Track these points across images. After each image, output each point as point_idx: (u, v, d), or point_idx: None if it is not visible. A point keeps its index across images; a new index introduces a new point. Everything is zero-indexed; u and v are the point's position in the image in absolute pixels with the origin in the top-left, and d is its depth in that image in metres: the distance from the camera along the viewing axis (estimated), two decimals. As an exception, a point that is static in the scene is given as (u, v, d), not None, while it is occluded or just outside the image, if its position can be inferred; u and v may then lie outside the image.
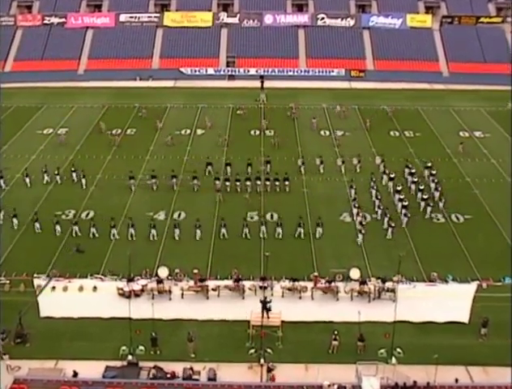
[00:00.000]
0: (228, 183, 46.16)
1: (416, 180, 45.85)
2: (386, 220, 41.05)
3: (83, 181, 46.89)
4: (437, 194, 44.20)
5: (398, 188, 44.40)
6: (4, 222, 41.41)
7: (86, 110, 64.03)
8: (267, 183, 46.47)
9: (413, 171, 47.28)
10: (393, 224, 40.37)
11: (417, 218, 41.76)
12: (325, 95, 68.69)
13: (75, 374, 28.20)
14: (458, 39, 77.69)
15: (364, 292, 34.06)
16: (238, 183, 46.19)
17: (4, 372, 28.10)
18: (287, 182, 46.47)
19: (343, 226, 41.29)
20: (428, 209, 42.43)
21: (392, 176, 46.70)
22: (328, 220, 41.29)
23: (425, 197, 43.32)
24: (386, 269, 35.87)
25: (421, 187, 44.35)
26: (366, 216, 42.29)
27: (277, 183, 46.44)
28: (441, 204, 43.41)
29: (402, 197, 43.22)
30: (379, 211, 42.42)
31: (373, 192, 44.77)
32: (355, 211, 42.46)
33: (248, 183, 46.09)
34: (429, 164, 48.10)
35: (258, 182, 46.41)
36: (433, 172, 46.86)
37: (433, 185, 45.50)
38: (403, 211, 41.96)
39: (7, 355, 29.20)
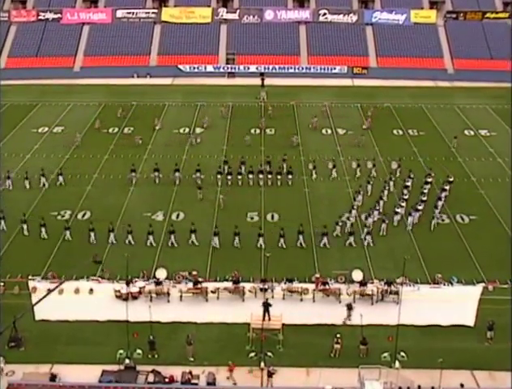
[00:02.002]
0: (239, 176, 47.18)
1: (425, 191, 44.25)
2: (369, 220, 41.00)
3: (61, 178, 47.09)
4: (436, 212, 42.36)
5: (405, 197, 43.50)
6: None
7: (82, 108, 64.09)
8: (269, 176, 47.13)
9: (429, 180, 45.98)
10: (370, 226, 40.24)
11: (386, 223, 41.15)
12: (327, 92, 68.71)
13: (53, 378, 28.18)
14: (464, 35, 77.71)
15: (367, 294, 34.09)
16: (239, 177, 47.09)
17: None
18: (290, 176, 47.07)
19: (345, 227, 41.17)
20: (410, 219, 41.30)
21: (408, 184, 45.25)
22: (330, 220, 41.32)
23: (419, 207, 41.93)
24: (389, 271, 35.98)
25: (424, 198, 43.09)
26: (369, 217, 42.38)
27: (279, 177, 46.93)
28: (433, 222, 41.59)
29: (402, 204, 42.63)
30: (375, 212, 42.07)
31: (385, 193, 44.49)
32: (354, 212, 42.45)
33: (250, 176, 47.02)
34: (451, 179, 46.05)
35: (261, 176, 47.02)
36: (446, 187, 44.84)
37: (439, 203, 43.11)
38: (382, 217, 41.41)
39: (1, 357, 29.18)
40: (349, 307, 32.65)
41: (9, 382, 27.66)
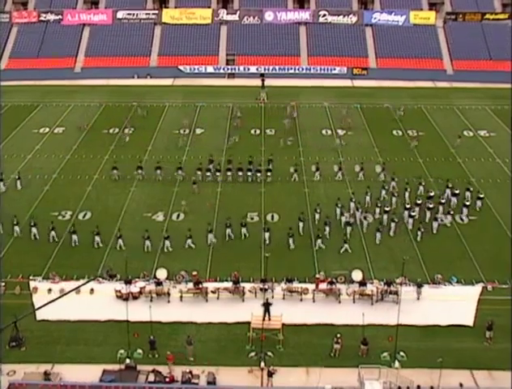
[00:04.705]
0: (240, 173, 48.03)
1: (443, 201, 42.98)
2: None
3: (19, 183, 46.65)
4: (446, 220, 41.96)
5: (418, 201, 42.90)
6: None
7: (83, 109, 64.05)
8: (249, 174, 47.84)
9: (457, 192, 44.20)
10: (351, 221, 40.66)
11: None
12: (327, 93, 68.69)
13: (47, 376, 28.18)
14: (463, 36, 77.71)
15: (367, 294, 34.09)
16: (218, 174, 48.06)
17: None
18: (269, 173, 47.67)
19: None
20: (393, 225, 40.73)
21: (432, 194, 43.69)
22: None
23: (413, 214, 41.58)
24: (389, 271, 35.98)
25: (430, 206, 42.32)
26: (369, 217, 42.38)
27: (259, 174, 47.53)
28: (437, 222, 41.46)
29: (408, 207, 42.40)
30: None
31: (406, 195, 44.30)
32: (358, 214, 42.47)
33: (229, 174, 47.84)
34: (482, 196, 44.01)
35: (240, 173, 47.73)
36: (467, 203, 43.18)
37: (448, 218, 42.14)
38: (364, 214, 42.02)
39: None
40: (419, 285, 34.04)
41: (10, 381, 27.67)
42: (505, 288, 35.39)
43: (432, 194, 43.93)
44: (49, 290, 34.65)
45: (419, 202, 43.02)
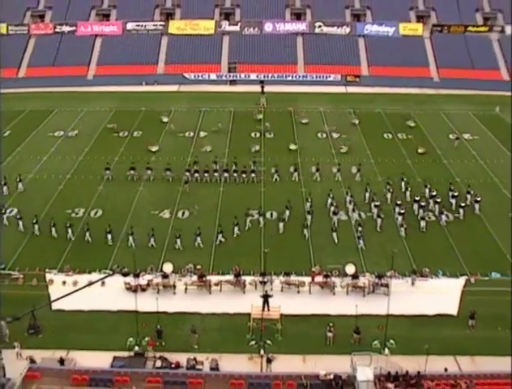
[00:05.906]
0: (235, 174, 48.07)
1: (439, 200, 42.67)
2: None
3: (21, 185, 46.07)
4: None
5: (416, 198, 43.03)
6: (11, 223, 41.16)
7: (94, 113, 64.02)
8: (235, 175, 47.83)
9: (456, 194, 43.76)
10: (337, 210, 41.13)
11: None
12: (322, 99, 68.63)
13: (62, 362, 28.25)
14: (448, 46, 77.65)
15: (359, 286, 34.10)
16: (206, 174, 47.72)
17: (13, 359, 28.15)
18: (253, 175, 47.62)
19: (340, 223, 41.21)
20: (379, 221, 40.87)
21: (433, 194, 43.66)
22: (325, 217, 41.38)
23: (402, 211, 41.41)
24: (380, 265, 35.99)
25: (423, 204, 42.32)
26: (361, 215, 42.38)
27: (244, 175, 47.54)
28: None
29: (398, 204, 42.49)
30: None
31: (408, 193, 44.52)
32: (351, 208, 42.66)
33: (216, 174, 47.80)
34: (479, 199, 43.22)
35: (226, 174, 47.69)
36: (462, 204, 42.69)
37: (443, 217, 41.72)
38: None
39: (16, 342, 29.20)
40: (414, 272, 35.15)
41: (29, 365, 27.70)
42: (487, 280, 35.49)
43: (434, 193, 43.90)
44: (64, 282, 34.74)
45: (417, 198, 43.01)
